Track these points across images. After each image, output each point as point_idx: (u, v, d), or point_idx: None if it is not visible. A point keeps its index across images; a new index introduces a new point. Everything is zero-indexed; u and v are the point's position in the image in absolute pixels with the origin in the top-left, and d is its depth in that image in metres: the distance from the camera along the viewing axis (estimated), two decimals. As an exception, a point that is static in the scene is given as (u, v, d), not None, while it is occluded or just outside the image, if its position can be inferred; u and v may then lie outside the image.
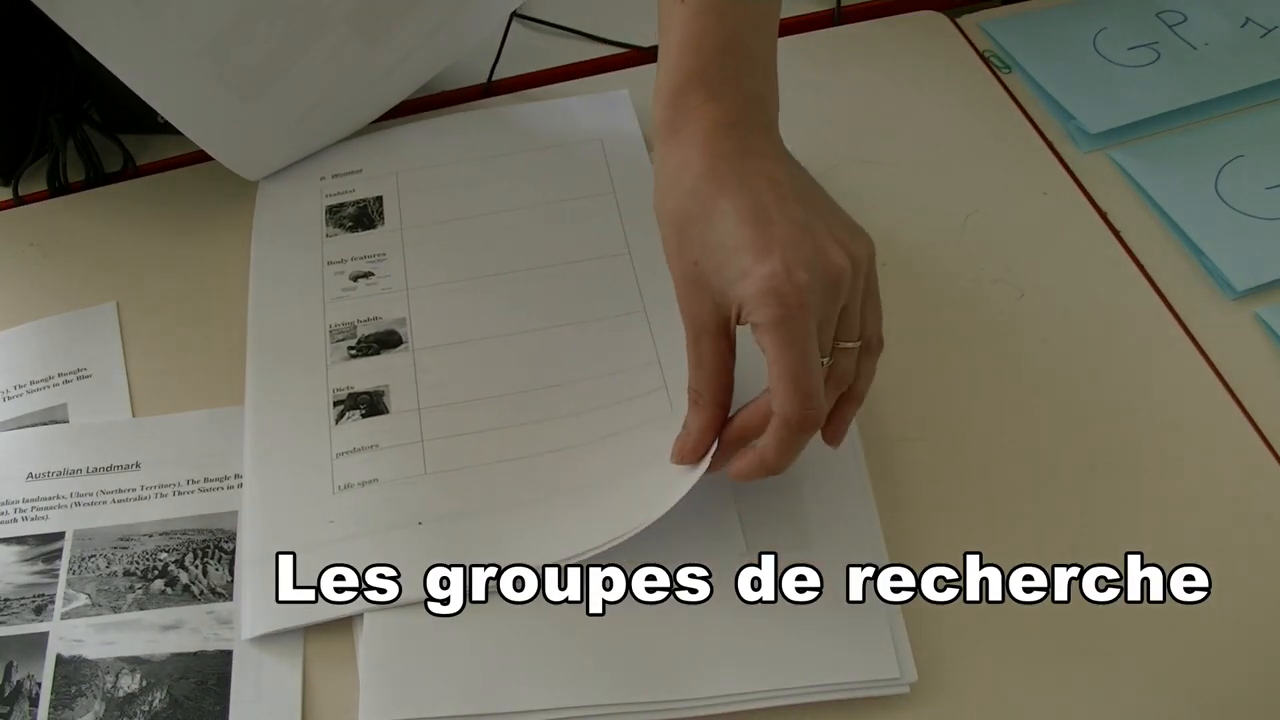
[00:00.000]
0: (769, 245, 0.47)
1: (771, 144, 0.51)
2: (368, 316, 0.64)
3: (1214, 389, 0.62)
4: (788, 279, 0.46)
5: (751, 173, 0.49)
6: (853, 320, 0.50)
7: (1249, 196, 0.69)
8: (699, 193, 0.49)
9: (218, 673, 0.53)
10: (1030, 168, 0.72)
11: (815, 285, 0.47)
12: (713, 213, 0.49)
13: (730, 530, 0.56)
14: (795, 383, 0.47)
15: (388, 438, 0.59)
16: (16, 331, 0.66)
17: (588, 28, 0.82)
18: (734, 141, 0.50)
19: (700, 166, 0.49)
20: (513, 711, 0.51)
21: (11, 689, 0.52)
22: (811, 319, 0.47)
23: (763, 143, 0.51)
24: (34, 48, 0.70)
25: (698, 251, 0.49)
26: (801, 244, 0.47)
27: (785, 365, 0.47)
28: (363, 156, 0.72)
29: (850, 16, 0.82)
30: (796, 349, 0.47)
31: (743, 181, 0.49)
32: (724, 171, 0.49)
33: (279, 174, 0.71)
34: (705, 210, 0.49)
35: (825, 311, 0.48)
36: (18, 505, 0.58)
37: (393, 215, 0.69)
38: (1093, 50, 0.78)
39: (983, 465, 0.59)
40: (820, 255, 0.48)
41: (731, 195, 0.48)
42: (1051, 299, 0.65)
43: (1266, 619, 0.54)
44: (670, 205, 0.50)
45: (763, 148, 0.51)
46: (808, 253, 0.47)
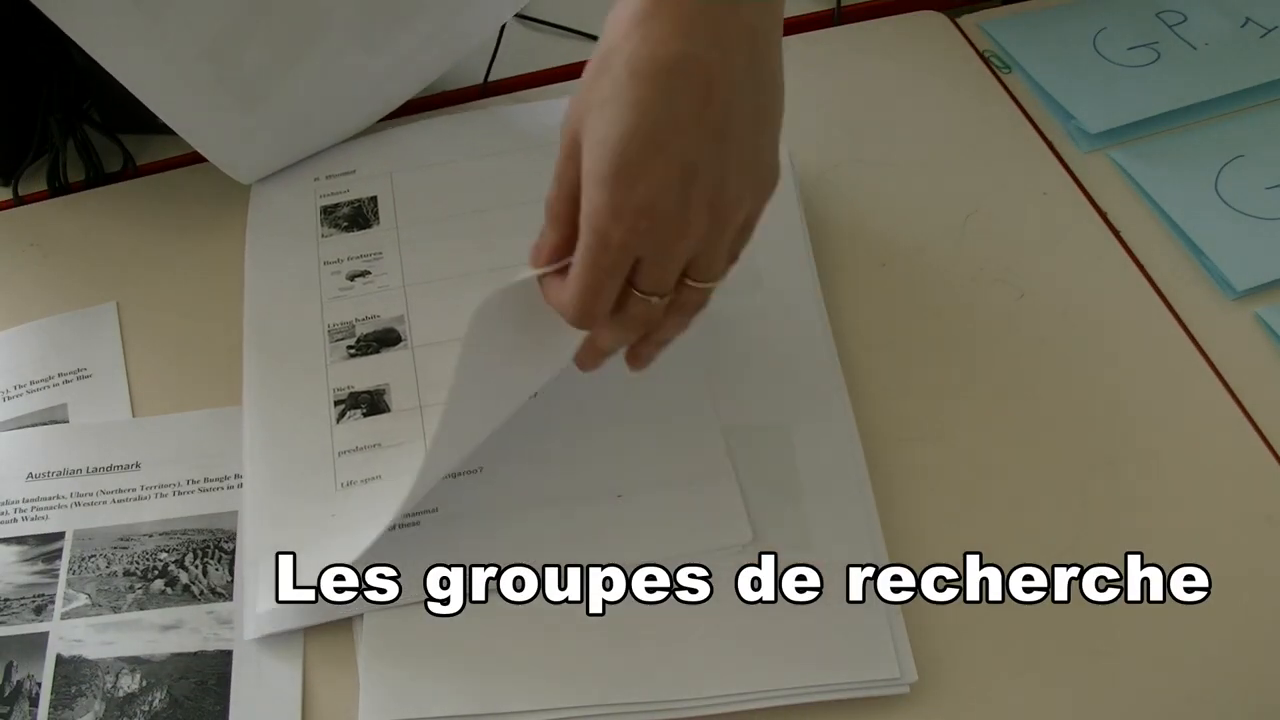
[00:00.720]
0: (631, 181, 0.43)
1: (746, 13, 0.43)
2: (366, 315, 0.64)
3: (1214, 389, 0.62)
4: (618, 223, 0.43)
5: (689, 61, 0.42)
6: (710, 262, 0.46)
7: (1249, 196, 0.69)
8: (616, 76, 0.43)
9: (218, 673, 0.53)
10: (1030, 168, 0.72)
11: (646, 240, 0.44)
12: (607, 104, 0.43)
13: (735, 513, 0.56)
14: (578, 299, 0.46)
15: (390, 436, 0.59)
16: (16, 331, 0.66)
17: (587, 28, 0.82)
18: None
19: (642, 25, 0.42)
20: (512, 711, 0.51)
21: (11, 689, 0.52)
22: (626, 260, 0.44)
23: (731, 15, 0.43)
24: (34, 48, 0.70)
25: (581, 127, 0.44)
26: (665, 194, 0.43)
27: (576, 284, 0.45)
28: (356, 157, 0.72)
29: (850, 16, 0.82)
30: (591, 276, 0.45)
31: (669, 79, 0.42)
32: (660, 55, 0.42)
33: (272, 176, 0.71)
34: (605, 99, 0.43)
35: (657, 256, 0.45)
36: (18, 505, 0.58)
37: (388, 215, 0.69)
38: (1093, 50, 0.78)
39: (982, 465, 0.59)
40: (679, 211, 0.43)
41: (634, 102, 0.42)
42: (1051, 299, 0.65)
43: (1266, 619, 0.54)
44: (593, 64, 0.44)
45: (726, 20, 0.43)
46: (667, 205, 0.43)
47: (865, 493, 0.57)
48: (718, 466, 0.57)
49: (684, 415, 0.59)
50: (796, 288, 0.64)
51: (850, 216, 0.69)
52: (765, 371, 0.61)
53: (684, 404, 0.60)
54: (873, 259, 0.67)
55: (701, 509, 0.56)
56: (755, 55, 0.44)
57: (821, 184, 0.71)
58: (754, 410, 0.59)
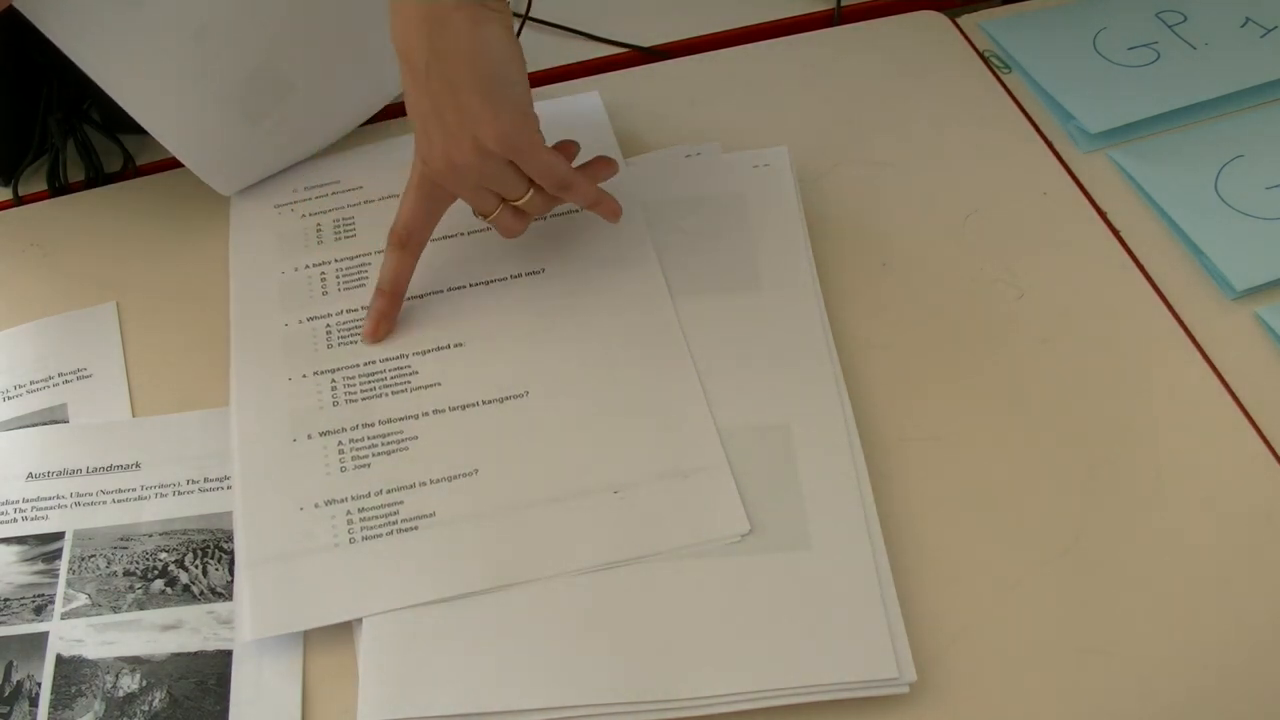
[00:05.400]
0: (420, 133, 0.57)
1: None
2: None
3: (1214, 389, 0.62)
4: (424, 162, 0.58)
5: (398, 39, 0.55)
6: (507, 184, 0.59)
7: (1249, 196, 0.69)
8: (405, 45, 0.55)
9: (218, 673, 0.53)
10: (1030, 168, 0.72)
11: (445, 173, 0.58)
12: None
13: (731, 505, 0.56)
14: (397, 217, 0.62)
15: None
16: (16, 331, 0.66)
17: (587, 28, 0.82)
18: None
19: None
20: (512, 711, 0.51)
21: (11, 689, 0.52)
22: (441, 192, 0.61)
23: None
24: (34, 48, 0.70)
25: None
26: (425, 133, 0.57)
27: (403, 202, 0.62)
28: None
29: (850, 16, 0.82)
30: (405, 200, 0.62)
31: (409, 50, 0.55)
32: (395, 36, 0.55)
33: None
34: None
35: (462, 188, 0.59)
36: (18, 505, 0.58)
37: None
38: (1093, 50, 0.78)
39: (983, 465, 0.59)
40: (426, 150, 0.57)
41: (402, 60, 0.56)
42: (1051, 299, 0.65)
43: (1266, 619, 0.54)
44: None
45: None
46: (432, 143, 0.57)
47: (865, 492, 0.57)
48: (713, 459, 0.57)
49: (679, 410, 0.59)
50: (796, 288, 0.64)
51: (850, 216, 0.69)
52: (765, 371, 0.61)
53: (679, 399, 0.60)
54: (873, 259, 0.67)
55: (698, 501, 0.56)
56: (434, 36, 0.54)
57: (821, 184, 0.71)
58: (754, 410, 0.59)
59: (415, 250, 0.63)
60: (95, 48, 0.62)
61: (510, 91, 0.56)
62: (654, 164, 0.71)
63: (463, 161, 0.57)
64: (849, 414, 0.59)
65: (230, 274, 0.67)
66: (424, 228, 0.63)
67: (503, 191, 0.59)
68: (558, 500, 0.57)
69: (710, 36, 0.82)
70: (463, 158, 0.56)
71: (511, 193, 0.59)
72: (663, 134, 0.74)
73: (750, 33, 0.82)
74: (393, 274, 0.63)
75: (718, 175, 0.70)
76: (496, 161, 0.57)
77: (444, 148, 0.56)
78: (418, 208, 0.62)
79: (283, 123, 0.69)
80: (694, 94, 0.77)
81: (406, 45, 0.55)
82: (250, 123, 0.67)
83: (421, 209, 0.62)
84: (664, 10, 0.84)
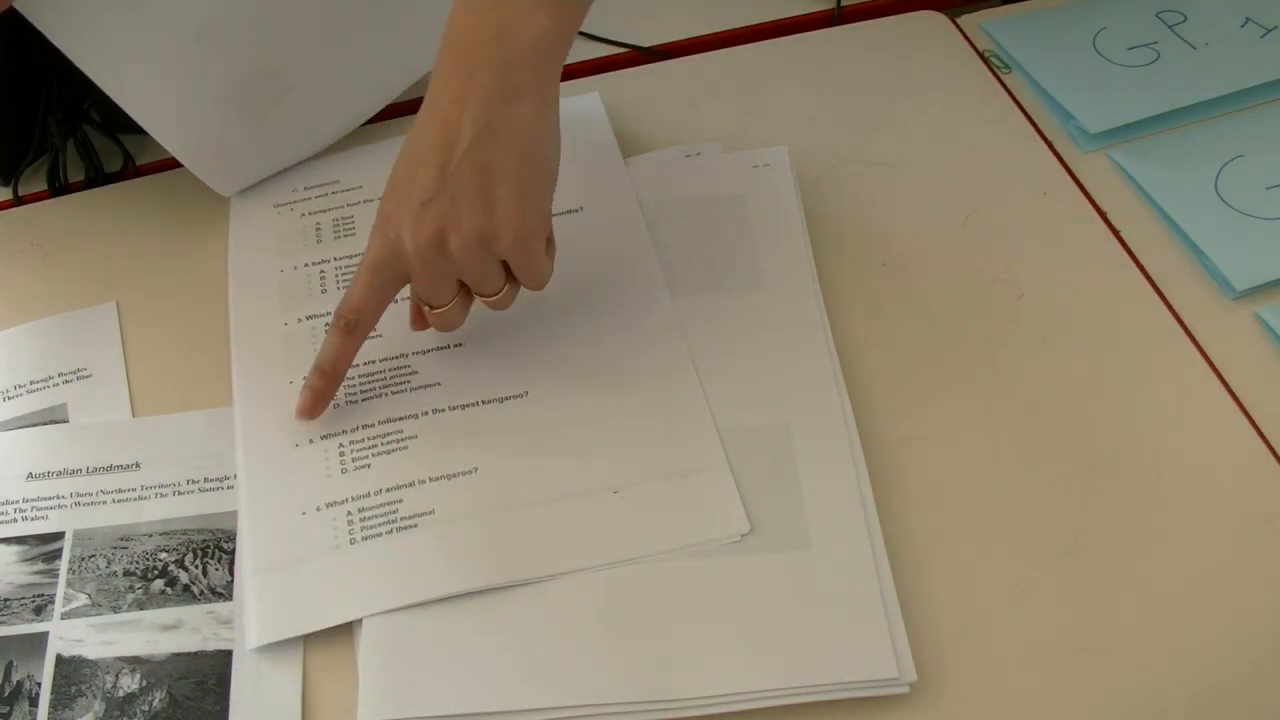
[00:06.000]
0: (387, 209, 0.54)
1: (505, 77, 0.51)
2: None
3: (1214, 389, 0.62)
4: (393, 242, 0.54)
5: (441, 109, 0.52)
6: (489, 280, 0.55)
7: (1249, 196, 0.69)
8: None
9: (218, 673, 0.53)
10: (1030, 168, 0.72)
11: (423, 256, 0.53)
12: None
13: (731, 504, 0.56)
14: (346, 298, 0.57)
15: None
16: (16, 331, 0.66)
17: (587, 27, 0.82)
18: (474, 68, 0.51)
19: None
20: (512, 711, 0.51)
21: (11, 689, 0.52)
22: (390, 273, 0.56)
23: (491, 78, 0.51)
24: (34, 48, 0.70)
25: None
26: (413, 212, 0.53)
27: (355, 283, 0.57)
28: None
29: (850, 16, 0.82)
30: (357, 281, 0.57)
31: (421, 123, 0.53)
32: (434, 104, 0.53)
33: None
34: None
35: (430, 275, 0.55)
36: (18, 505, 0.58)
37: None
38: (1093, 50, 0.78)
39: (983, 465, 0.59)
40: (412, 231, 0.53)
41: (410, 137, 0.53)
42: (1051, 299, 0.65)
43: (1266, 619, 0.54)
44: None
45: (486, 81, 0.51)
46: (419, 224, 0.53)
47: (865, 492, 0.57)
48: (713, 459, 0.57)
49: (679, 410, 0.59)
50: (796, 288, 0.64)
51: (850, 216, 0.69)
52: (765, 371, 0.61)
53: (679, 399, 0.60)
54: (873, 259, 0.67)
55: (698, 501, 0.56)
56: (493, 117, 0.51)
57: (821, 184, 0.71)
58: (754, 410, 0.60)
59: (362, 335, 0.58)
60: (95, 48, 0.62)
61: (545, 191, 0.53)
62: (654, 164, 0.71)
63: (457, 250, 0.52)
64: (849, 414, 0.59)
65: (229, 273, 0.67)
66: (375, 313, 0.58)
67: (479, 286, 0.56)
68: (558, 500, 0.57)
69: (710, 36, 0.82)
70: (460, 246, 0.52)
71: (487, 288, 0.55)
72: (663, 134, 0.74)
73: (750, 33, 0.82)
74: (334, 357, 0.58)
75: (718, 175, 0.70)
76: (492, 257, 0.54)
77: (437, 231, 0.52)
78: (370, 291, 0.56)
79: (283, 123, 0.69)
80: (694, 94, 0.77)
81: (456, 115, 0.50)
82: (250, 123, 0.68)
83: (374, 293, 0.56)
84: (664, 10, 0.84)
